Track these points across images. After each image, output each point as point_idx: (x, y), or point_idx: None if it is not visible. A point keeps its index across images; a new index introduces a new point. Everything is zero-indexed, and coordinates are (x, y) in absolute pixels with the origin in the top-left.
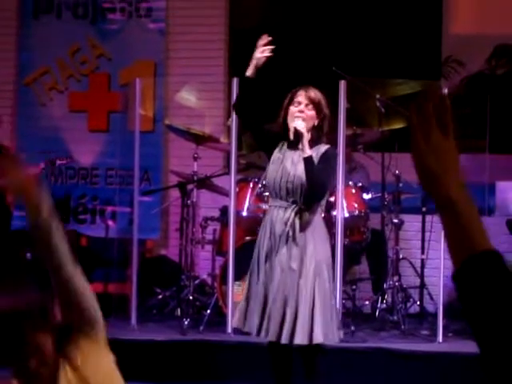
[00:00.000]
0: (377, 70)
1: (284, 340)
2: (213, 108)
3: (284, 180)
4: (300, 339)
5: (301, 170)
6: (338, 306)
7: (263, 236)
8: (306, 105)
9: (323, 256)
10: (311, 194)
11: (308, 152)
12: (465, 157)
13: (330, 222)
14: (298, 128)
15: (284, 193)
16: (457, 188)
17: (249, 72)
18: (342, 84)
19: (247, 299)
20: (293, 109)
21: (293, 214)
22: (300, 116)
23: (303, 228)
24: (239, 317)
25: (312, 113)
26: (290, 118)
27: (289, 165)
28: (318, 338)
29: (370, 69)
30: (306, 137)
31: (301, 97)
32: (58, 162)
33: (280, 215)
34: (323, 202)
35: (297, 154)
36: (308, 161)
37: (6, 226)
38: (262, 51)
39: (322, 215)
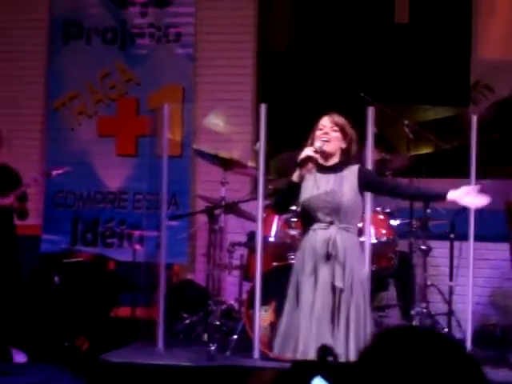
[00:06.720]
0: (405, 95)
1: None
2: (240, 133)
3: (321, 202)
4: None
5: (336, 189)
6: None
7: (303, 259)
8: (331, 127)
9: (360, 274)
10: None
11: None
12: (493, 182)
13: None
14: (315, 148)
15: (321, 215)
16: None
17: (295, 178)
18: (370, 110)
19: (287, 324)
20: (318, 133)
21: (333, 234)
22: (323, 137)
23: (343, 247)
24: (280, 342)
25: (337, 134)
26: (315, 143)
27: (323, 187)
28: (351, 356)
29: (398, 95)
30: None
31: (325, 121)
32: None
33: (320, 236)
34: (359, 223)
35: (331, 176)
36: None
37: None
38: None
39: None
